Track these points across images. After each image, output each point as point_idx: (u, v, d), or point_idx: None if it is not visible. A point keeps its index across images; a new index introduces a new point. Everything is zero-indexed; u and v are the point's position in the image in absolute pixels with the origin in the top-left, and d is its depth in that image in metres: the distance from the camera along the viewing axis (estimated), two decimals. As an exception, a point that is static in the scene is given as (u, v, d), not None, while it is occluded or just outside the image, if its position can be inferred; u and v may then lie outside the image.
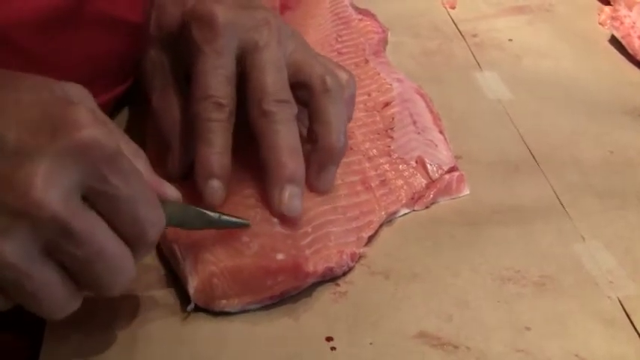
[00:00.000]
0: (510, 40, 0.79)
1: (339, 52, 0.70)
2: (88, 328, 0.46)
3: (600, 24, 0.82)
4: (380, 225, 0.55)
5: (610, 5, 0.83)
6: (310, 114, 0.52)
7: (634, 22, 0.76)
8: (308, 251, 0.49)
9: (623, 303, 0.51)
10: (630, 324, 0.49)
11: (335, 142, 0.51)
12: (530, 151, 0.64)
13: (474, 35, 0.80)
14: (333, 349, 0.46)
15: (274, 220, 0.49)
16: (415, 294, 0.50)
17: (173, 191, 0.45)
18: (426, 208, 0.58)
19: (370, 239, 0.54)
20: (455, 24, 0.81)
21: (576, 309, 0.50)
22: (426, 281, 0.51)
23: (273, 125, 0.49)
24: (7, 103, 0.39)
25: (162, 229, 0.43)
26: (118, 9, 0.57)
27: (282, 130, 0.49)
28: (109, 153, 0.39)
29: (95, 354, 0.45)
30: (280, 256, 0.48)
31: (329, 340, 0.47)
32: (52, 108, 0.39)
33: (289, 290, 0.49)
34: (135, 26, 0.57)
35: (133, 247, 0.42)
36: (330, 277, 0.50)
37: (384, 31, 0.75)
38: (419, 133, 0.61)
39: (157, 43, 0.55)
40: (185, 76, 0.53)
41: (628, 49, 0.76)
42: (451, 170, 0.59)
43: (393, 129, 0.61)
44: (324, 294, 0.50)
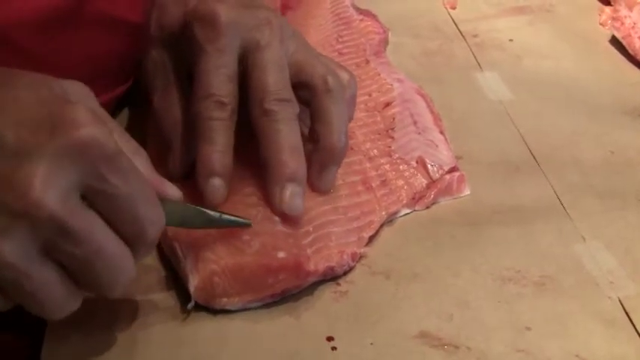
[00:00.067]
0: (511, 41, 0.79)
1: (339, 53, 0.70)
2: (88, 328, 0.46)
3: (601, 24, 0.82)
4: (381, 225, 0.55)
5: (610, 6, 0.83)
6: (312, 114, 0.52)
7: (634, 23, 0.76)
8: (309, 250, 0.49)
9: (623, 303, 0.51)
10: (630, 324, 0.49)
11: (336, 142, 0.51)
12: (531, 152, 0.64)
13: (474, 35, 0.80)
14: (333, 348, 0.46)
15: (275, 219, 0.49)
16: (416, 294, 0.50)
17: (174, 190, 0.45)
18: (427, 208, 0.58)
19: (371, 239, 0.54)
20: (455, 24, 0.81)
21: (577, 309, 0.50)
22: (427, 281, 0.51)
23: (274, 124, 0.49)
24: (5, 101, 0.39)
25: (162, 228, 0.43)
26: (118, 9, 0.57)
27: (283, 130, 0.49)
28: (107, 152, 0.39)
29: (95, 354, 0.45)
30: (281, 255, 0.48)
31: (329, 340, 0.47)
32: (51, 106, 0.38)
33: (290, 289, 0.49)
34: (135, 26, 0.57)
35: (132, 246, 0.42)
36: (331, 277, 0.50)
37: (384, 32, 0.75)
38: (419, 133, 0.61)
39: (159, 42, 0.55)
40: (187, 76, 0.53)
41: (628, 49, 0.76)
42: (452, 170, 0.59)
43: (393, 129, 0.61)
44: (324, 293, 0.50)
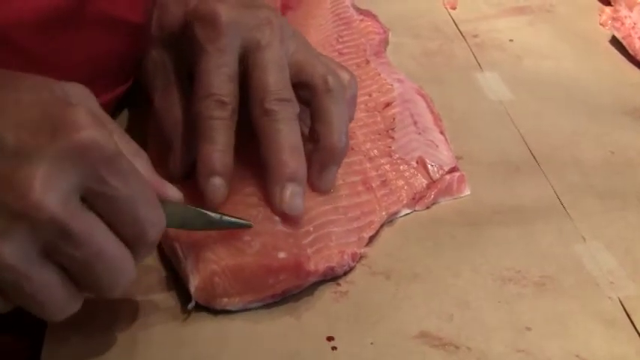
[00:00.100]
0: (511, 41, 0.79)
1: (340, 53, 0.70)
2: (88, 329, 0.46)
3: (601, 24, 0.82)
4: (381, 225, 0.55)
5: (611, 6, 0.83)
6: (312, 114, 0.52)
7: (635, 23, 0.76)
8: (309, 250, 0.49)
9: (623, 303, 0.51)
10: (631, 324, 0.49)
11: (336, 142, 0.51)
12: (531, 152, 0.64)
13: (474, 36, 0.80)
14: (334, 348, 0.46)
15: (276, 219, 0.49)
16: (416, 294, 0.50)
17: (175, 191, 0.45)
18: (427, 208, 0.58)
19: (371, 239, 0.54)
20: (456, 24, 0.81)
21: (577, 309, 0.50)
22: (427, 281, 0.51)
23: (274, 124, 0.49)
24: (6, 103, 0.39)
25: (162, 229, 0.43)
26: (118, 9, 0.57)
27: (283, 129, 0.49)
28: (107, 154, 0.38)
29: (96, 355, 0.45)
30: (282, 255, 0.48)
31: (330, 340, 0.47)
32: (52, 109, 0.38)
33: (290, 289, 0.49)
34: (136, 26, 0.57)
35: (133, 248, 0.42)
36: (332, 277, 0.50)
37: (385, 32, 0.75)
38: (420, 133, 0.61)
39: (159, 42, 0.55)
40: (187, 76, 0.53)
41: (629, 49, 0.76)
42: (452, 171, 0.59)
43: (393, 129, 0.61)
44: (325, 293, 0.50)
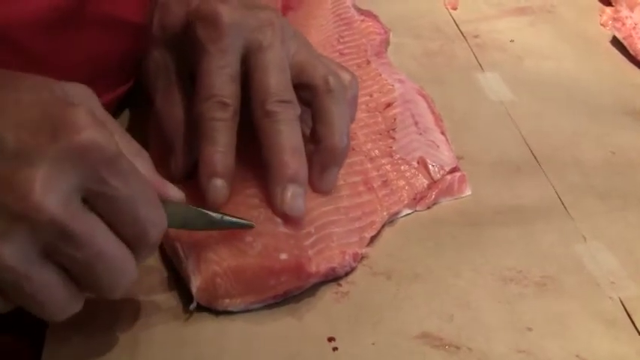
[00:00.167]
0: (512, 41, 0.79)
1: (340, 53, 0.70)
2: (89, 329, 0.46)
3: (602, 25, 0.82)
4: (382, 225, 0.55)
5: (611, 6, 0.83)
6: (313, 114, 0.52)
7: (635, 24, 0.76)
8: (311, 251, 0.49)
9: (624, 303, 0.51)
10: (632, 324, 0.49)
11: (338, 143, 0.51)
12: (532, 152, 0.64)
13: (475, 36, 0.80)
14: (335, 349, 0.46)
15: (277, 220, 0.49)
16: (417, 294, 0.50)
17: (176, 192, 0.45)
18: (428, 208, 0.58)
19: (372, 240, 0.54)
20: (456, 25, 0.81)
21: (578, 309, 0.50)
22: (428, 282, 0.51)
23: (275, 125, 0.49)
24: (7, 103, 0.39)
25: (163, 230, 0.43)
26: (119, 9, 0.57)
27: (284, 131, 0.49)
28: (108, 155, 0.38)
29: (97, 356, 0.45)
30: (283, 256, 0.48)
31: (331, 341, 0.47)
32: (52, 109, 0.38)
33: (292, 290, 0.49)
34: (137, 26, 0.57)
35: (134, 248, 0.42)
36: (333, 277, 0.50)
37: (385, 32, 0.75)
38: (421, 133, 0.61)
39: (160, 43, 0.55)
40: (189, 76, 0.53)
41: (630, 50, 0.76)
42: (453, 171, 0.59)
43: (394, 130, 0.61)
44: (326, 294, 0.50)
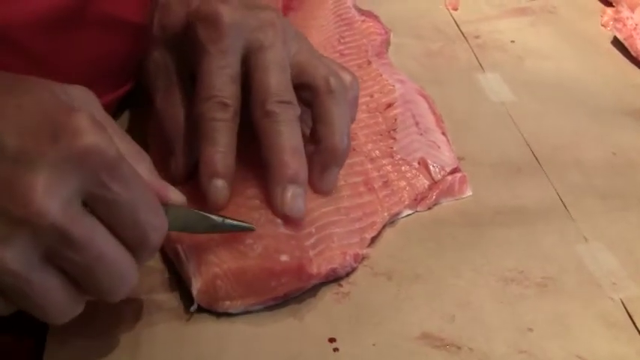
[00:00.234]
0: (513, 42, 0.79)
1: (341, 54, 0.69)
2: (90, 331, 0.46)
3: (603, 26, 0.82)
4: (383, 226, 0.55)
5: (612, 7, 0.83)
6: (314, 115, 0.52)
7: (636, 24, 0.76)
8: (312, 252, 0.49)
9: (625, 304, 0.51)
10: (633, 325, 0.49)
11: (338, 144, 0.51)
12: (533, 153, 0.64)
13: (476, 37, 0.80)
14: (335, 350, 0.46)
15: (278, 221, 0.49)
16: (418, 295, 0.50)
17: (177, 195, 0.45)
18: (429, 209, 0.58)
19: (373, 240, 0.54)
20: (457, 25, 0.81)
21: (579, 310, 0.50)
22: (429, 282, 0.51)
23: (275, 126, 0.49)
24: (8, 108, 0.38)
25: (164, 233, 0.43)
26: (120, 10, 0.57)
27: (284, 131, 0.49)
28: (108, 159, 0.38)
29: (98, 357, 0.45)
30: (284, 258, 0.48)
31: (332, 341, 0.47)
32: (53, 114, 0.38)
33: (293, 291, 0.49)
34: (138, 27, 0.57)
35: (134, 252, 0.42)
36: (334, 278, 0.50)
37: (386, 33, 0.75)
38: (421, 134, 0.61)
39: (161, 43, 0.55)
40: (189, 77, 0.53)
41: (630, 50, 0.76)
42: (454, 171, 0.59)
43: (395, 130, 0.61)
44: (327, 294, 0.50)
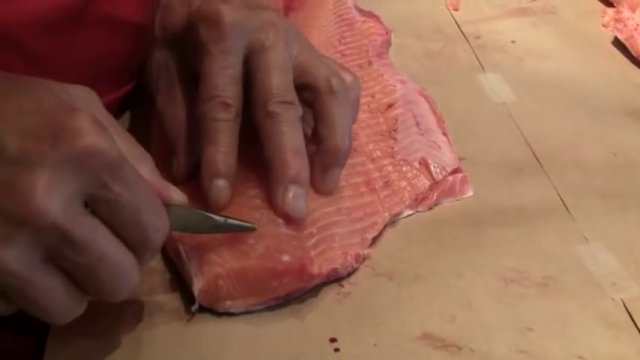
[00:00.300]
0: (513, 42, 0.79)
1: (342, 54, 0.70)
2: (91, 331, 0.46)
3: (603, 26, 0.82)
4: (384, 226, 0.55)
5: (613, 7, 0.83)
6: (315, 115, 0.52)
7: (637, 24, 0.76)
8: (313, 252, 0.49)
9: (626, 304, 0.51)
10: (633, 325, 0.49)
11: (340, 144, 0.51)
12: (534, 153, 0.64)
13: (477, 37, 0.80)
14: (337, 350, 0.47)
15: (280, 222, 0.49)
16: (419, 295, 0.50)
17: (179, 195, 0.45)
18: (430, 209, 0.58)
19: (374, 240, 0.54)
20: (458, 26, 0.81)
21: (579, 310, 0.50)
22: (430, 282, 0.51)
23: (277, 126, 0.49)
24: (9, 109, 0.39)
25: (166, 234, 0.43)
26: (121, 10, 0.57)
27: (286, 132, 0.49)
28: (110, 160, 0.38)
29: (99, 357, 0.45)
30: (286, 258, 0.48)
31: (333, 342, 0.47)
32: (54, 114, 0.38)
33: (294, 291, 0.49)
34: (139, 27, 0.57)
35: (136, 252, 0.42)
36: (335, 278, 0.50)
37: (387, 33, 0.75)
38: (422, 134, 0.61)
39: (162, 43, 0.55)
40: (190, 77, 0.53)
41: (631, 50, 0.76)
42: (454, 172, 0.59)
43: (396, 130, 0.61)
44: (328, 295, 0.50)
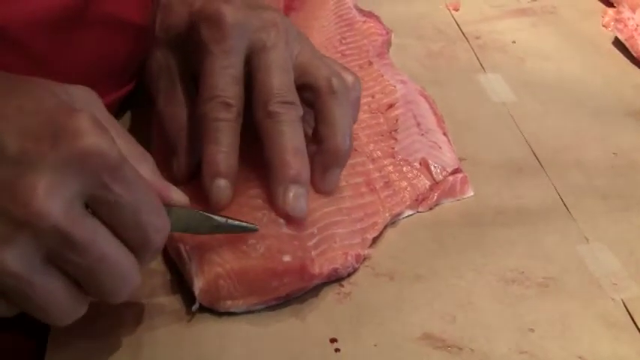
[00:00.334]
0: (514, 42, 0.79)
1: (342, 54, 0.70)
2: (92, 331, 0.46)
3: (604, 26, 0.82)
4: (384, 226, 0.55)
5: (613, 7, 0.83)
6: (316, 116, 0.52)
7: (637, 25, 0.76)
8: (314, 252, 0.49)
9: (626, 304, 0.51)
10: (634, 325, 0.49)
11: (340, 144, 0.51)
12: (534, 153, 0.64)
13: (477, 37, 0.80)
14: (337, 350, 0.47)
15: (281, 222, 0.49)
16: (419, 295, 0.50)
17: (180, 195, 0.45)
18: (430, 209, 0.58)
19: (375, 240, 0.54)
20: (458, 26, 0.82)
21: (580, 310, 0.50)
22: (430, 283, 0.51)
23: (278, 126, 0.49)
24: (9, 110, 0.38)
25: (166, 235, 0.43)
26: (123, 10, 0.57)
27: (287, 132, 0.49)
28: (110, 161, 0.38)
29: (100, 356, 0.45)
30: (286, 258, 0.48)
31: (333, 342, 0.47)
32: (55, 115, 0.38)
33: (295, 291, 0.49)
34: (140, 27, 0.57)
35: (137, 253, 0.42)
36: (335, 279, 0.50)
37: (387, 33, 0.75)
38: (423, 134, 0.61)
39: (163, 43, 0.55)
40: (191, 77, 0.53)
41: (632, 51, 0.76)
42: (455, 172, 0.59)
43: (396, 131, 0.61)
44: (328, 295, 0.50)
